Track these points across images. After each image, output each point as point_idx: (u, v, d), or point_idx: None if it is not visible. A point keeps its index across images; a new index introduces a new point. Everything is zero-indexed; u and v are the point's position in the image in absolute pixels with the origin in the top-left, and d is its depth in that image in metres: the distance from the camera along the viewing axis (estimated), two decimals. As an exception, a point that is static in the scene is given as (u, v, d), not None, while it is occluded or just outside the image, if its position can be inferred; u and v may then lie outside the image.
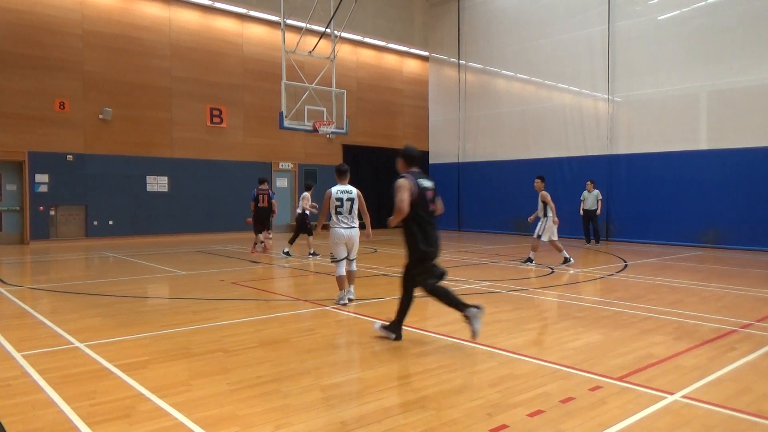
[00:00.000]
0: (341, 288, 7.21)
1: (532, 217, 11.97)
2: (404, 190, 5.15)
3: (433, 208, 5.41)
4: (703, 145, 15.34)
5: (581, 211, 15.74)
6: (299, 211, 12.89)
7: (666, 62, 15.94)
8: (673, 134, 15.88)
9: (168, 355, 4.94)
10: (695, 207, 15.31)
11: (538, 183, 11.46)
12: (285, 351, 5.07)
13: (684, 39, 15.59)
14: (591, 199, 15.52)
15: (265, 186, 13.80)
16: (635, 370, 4.50)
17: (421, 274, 5.28)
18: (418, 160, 5.54)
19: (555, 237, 11.20)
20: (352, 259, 7.33)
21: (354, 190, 7.26)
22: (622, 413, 3.60)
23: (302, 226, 12.88)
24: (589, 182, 15.74)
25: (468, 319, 5.10)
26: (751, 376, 4.39)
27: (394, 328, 5.45)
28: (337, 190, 7.16)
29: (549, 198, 11.27)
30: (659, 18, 16.21)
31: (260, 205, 13.57)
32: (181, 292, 8.32)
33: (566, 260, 11.14)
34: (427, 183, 5.38)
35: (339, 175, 7.36)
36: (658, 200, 16.08)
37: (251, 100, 19.89)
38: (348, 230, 7.11)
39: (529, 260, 11.43)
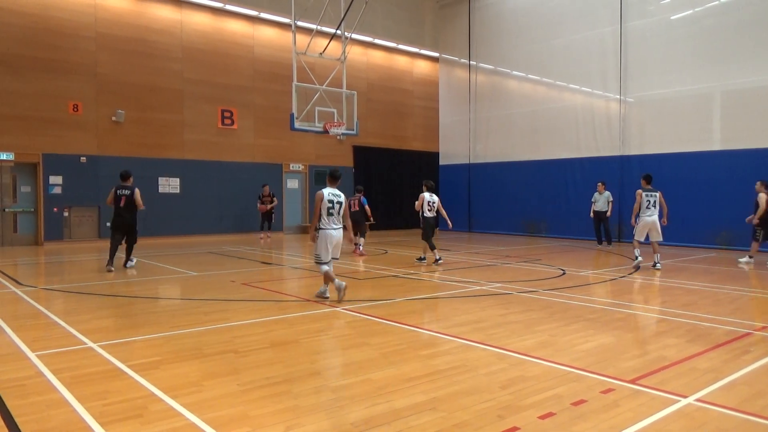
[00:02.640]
0: (326, 282, 7.58)
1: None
2: None
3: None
4: (716, 146, 15.19)
5: (591, 213, 15.64)
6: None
7: (678, 62, 15.80)
8: (685, 135, 15.73)
9: (179, 355, 4.97)
10: (708, 208, 15.16)
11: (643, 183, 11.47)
12: (295, 352, 5.09)
13: (697, 39, 15.45)
14: (602, 200, 15.42)
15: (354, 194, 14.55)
16: (648, 372, 4.46)
17: None
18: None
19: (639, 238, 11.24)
20: (335, 258, 7.70)
21: (342, 195, 7.64)
22: (634, 416, 3.57)
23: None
24: (600, 183, 15.64)
25: None
26: (765, 379, 4.34)
27: None
28: (328, 192, 7.48)
29: (639, 199, 11.11)
30: (672, 18, 16.08)
31: (352, 209, 13.72)
32: (192, 293, 8.37)
33: (636, 258, 11.35)
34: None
35: (333, 179, 7.70)
36: (671, 201, 15.77)
37: (262, 101, 19.98)
38: (338, 232, 7.53)
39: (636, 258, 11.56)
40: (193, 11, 18.46)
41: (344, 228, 7.71)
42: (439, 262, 11.41)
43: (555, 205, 18.89)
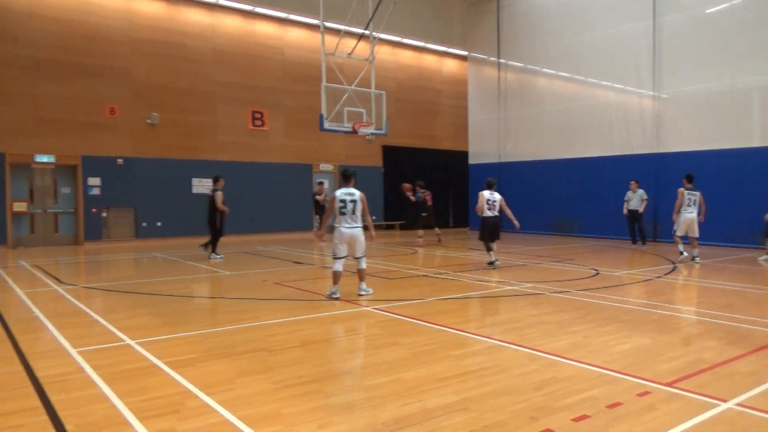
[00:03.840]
0: (334, 282, 7.68)
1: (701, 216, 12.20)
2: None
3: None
4: (755, 142, 14.72)
5: (625, 211, 15.29)
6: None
7: (715, 57, 15.36)
8: (723, 131, 15.29)
9: (214, 353, 5.06)
10: (747, 206, 14.69)
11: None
12: (326, 351, 5.13)
13: (734, 32, 14.99)
14: (635, 199, 15.07)
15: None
16: (685, 375, 4.36)
17: None
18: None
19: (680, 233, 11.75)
20: (359, 257, 7.81)
21: (357, 193, 7.75)
22: (671, 420, 3.50)
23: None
24: (633, 182, 15.25)
25: None
26: (810, 383, 4.20)
27: None
28: (341, 192, 7.72)
29: (682, 196, 11.77)
30: (707, 11, 15.64)
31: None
32: (225, 292, 8.51)
33: (681, 254, 11.69)
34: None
35: (344, 178, 7.89)
36: (708, 199, 15.45)
37: (292, 102, 20.17)
38: (349, 230, 7.64)
39: (681, 253, 11.79)
40: (224, 15, 18.76)
41: (365, 227, 7.86)
42: (495, 264, 10.70)
43: (588, 204, 18.58)
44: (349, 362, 4.76)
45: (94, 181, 16.68)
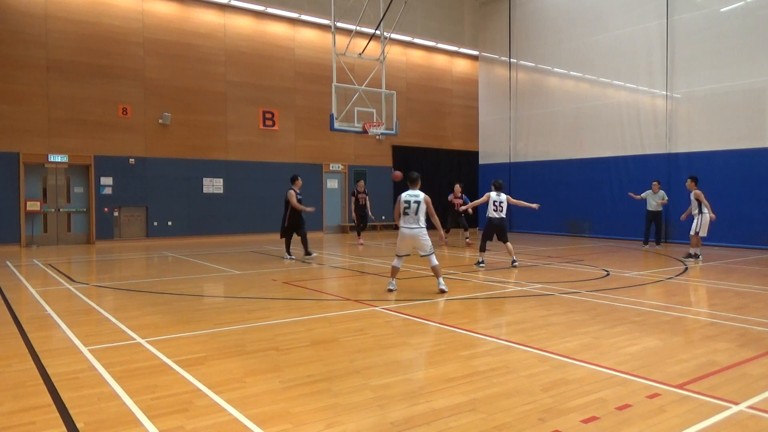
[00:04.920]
0: (392, 276, 8.25)
1: (684, 215, 12.71)
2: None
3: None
4: (770, 143, 14.56)
5: (644, 202, 15.00)
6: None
7: (729, 56, 15.21)
8: (737, 131, 15.13)
9: (223, 352, 5.09)
10: (761, 207, 14.55)
11: (689, 183, 12.19)
12: (335, 350, 5.14)
13: (748, 31, 14.83)
14: (656, 200, 14.86)
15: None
16: (697, 377, 4.32)
17: None
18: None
19: (704, 233, 11.87)
20: (424, 256, 8.14)
21: (422, 195, 8.07)
22: (682, 422, 3.47)
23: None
24: (655, 183, 15.00)
25: None
26: (824, 387, 4.14)
27: None
28: (407, 194, 8.09)
29: (703, 196, 11.85)
30: (721, 10, 15.49)
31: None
32: (235, 291, 8.55)
33: (694, 256, 11.79)
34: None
35: (411, 181, 8.26)
36: (721, 200, 15.31)
37: (302, 102, 20.23)
38: (410, 230, 8.00)
39: (695, 256, 11.81)
40: (236, 15, 18.85)
41: (428, 227, 8.19)
42: (480, 265, 10.78)
43: (599, 205, 18.46)
44: (357, 362, 4.77)
45: (106, 180, 16.83)
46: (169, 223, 17.75)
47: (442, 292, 7.96)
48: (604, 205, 18.30)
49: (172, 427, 3.42)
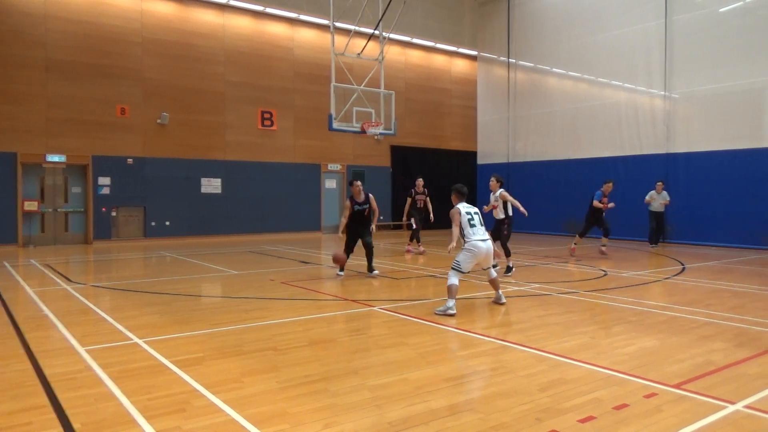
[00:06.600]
0: (453, 296, 6.77)
1: None
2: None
3: None
4: (767, 143, 14.57)
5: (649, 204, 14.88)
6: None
7: (727, 56, 15.23)
8: (735, 131, 15.15)
9: (221, 352, 5.09)
10: (759, 207, 14.56)
11: None
12: (333, 350, 5.14)
13: (747, 31, 14.85)
14: (659, 200, 14.80)
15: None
16: (693, 377, 4.32)
17: None
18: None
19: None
20: (488, 269, 7.23)
21: (474, 207, 7.29)
22: (679, 422, 3.47)
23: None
24: (659, 183, 14.94)
25: None
26: (821, 386, 4.15)
27: None
28: (464, 206, 7.19)
29: None
30: (720, 10, 15.51)
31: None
32: (233, 291, 8.55)
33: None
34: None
35: (461, 195, 7.39)
36: (719, 200, 15.37)
37: (301, 102, 20.22)
38: (485, 243, 6.99)
39: None
40: (235, 15, 18.84)
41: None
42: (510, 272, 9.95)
43: (597, 205, 18.44)
44: (355, 362, 4.77)
45: (104, 180, 16.80)
46: (167, 223, 17.73)
47: (504, 303, 7.35)
48: (602, 205, 18.28)
49: (169, 427, 3.42)
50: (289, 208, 19.89)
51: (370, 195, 10.17)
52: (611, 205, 13.05)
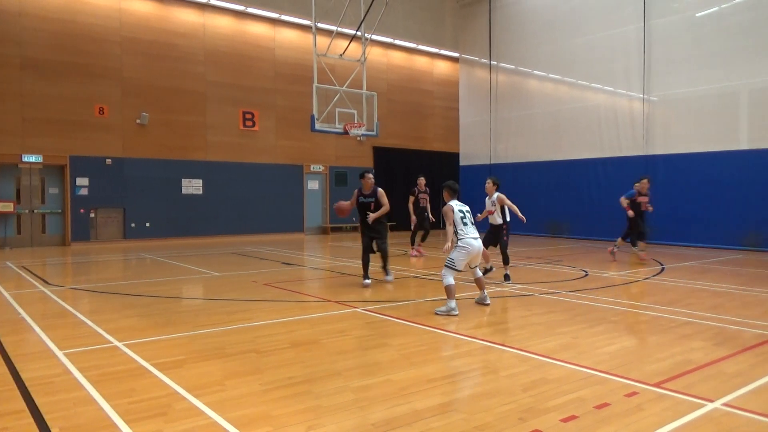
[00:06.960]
0: (453, 297, 6.76)
1: None
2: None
3: None
4: (743, 145, 14.88)
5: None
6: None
7: (704, 60, 15.51)
8: (712, 134, 15.43)
9: (203, 354, 5.03)
10: (736, 208, 14.85)
11: None
12: (316, 352, 5.11)
13: (723, 36, 15.14)
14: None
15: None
16: (673, 376, 4.38)
17: None
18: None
19: None
20: (475, 267, 7.19)
21: (466, 206, 7.15)
22: (659, 420, 3.52)
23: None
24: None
25: None
26: (796, 384, 4.24)
27: None
28: (456, 203, 7.07)
29: None
30: (697, 15, 15.80)
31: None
32: (215, 293, 8.47)
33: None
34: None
35: (454, 192, 7.19)
36: (697, 202, 15.64)
37: (283, 103, 20.13)
38: (477, 241, 6.93)
39: None
40: (216, 14, 18.69)
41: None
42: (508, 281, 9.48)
43: (577, 206, 18.69)
44: (338, 363, 4.75)
45: (82, 181, 16.54)
46: (147, 224, 17.51)
47: (489, 304, 7.30)
48: (582, 206, 18.52)
49: (150, 431, 3.37)
50: (272, 209, 19.78)
51: (380, 189, 9.38)
52: (650, 208, 12.25)
